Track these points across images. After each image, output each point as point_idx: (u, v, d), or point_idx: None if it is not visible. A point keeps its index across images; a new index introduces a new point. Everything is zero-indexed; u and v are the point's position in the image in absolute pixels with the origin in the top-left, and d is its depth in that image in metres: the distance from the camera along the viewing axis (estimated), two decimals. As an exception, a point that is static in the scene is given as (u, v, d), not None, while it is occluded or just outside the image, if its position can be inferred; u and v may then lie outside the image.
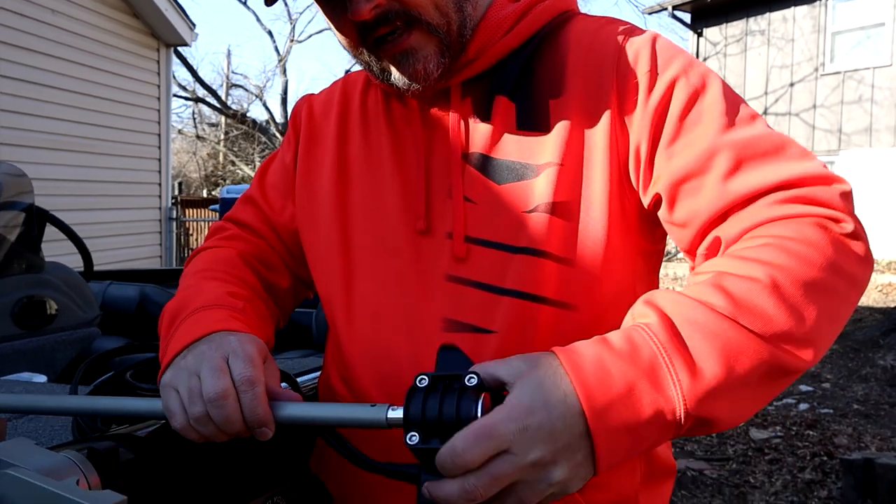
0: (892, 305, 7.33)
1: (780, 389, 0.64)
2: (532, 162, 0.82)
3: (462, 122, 0.86)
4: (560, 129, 0.81)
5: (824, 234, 0.67)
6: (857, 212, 0.70)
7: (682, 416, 0.60)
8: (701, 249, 0.77)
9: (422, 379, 0.65)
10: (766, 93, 12.60)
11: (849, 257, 0.67)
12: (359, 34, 0.81)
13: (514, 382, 0.62)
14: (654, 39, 0.83)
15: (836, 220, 0.69)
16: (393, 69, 0.83)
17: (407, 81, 0.83)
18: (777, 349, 0.62)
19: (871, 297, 8.96)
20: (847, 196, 0.71)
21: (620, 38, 0.83)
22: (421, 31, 0.80)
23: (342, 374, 0.91)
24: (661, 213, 0.80)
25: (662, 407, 0.60)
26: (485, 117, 0.85)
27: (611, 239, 0.81)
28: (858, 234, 0.69)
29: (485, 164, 0.84)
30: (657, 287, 0.88)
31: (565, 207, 0.80)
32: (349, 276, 0.90)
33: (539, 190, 0.81)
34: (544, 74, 0.84)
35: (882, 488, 3.13)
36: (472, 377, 0.63)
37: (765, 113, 12.55)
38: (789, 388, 5.21)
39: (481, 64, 0.86)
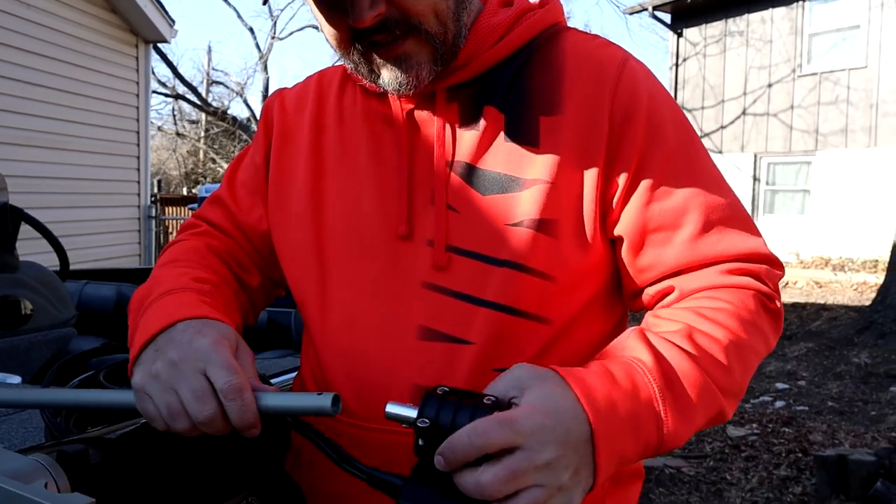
0: (867, 304, 7.44)
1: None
2: (519, 175, 0.82)
3: (448, 129, 0.85)
4: (553, 147, 0.82)
5: (761, 309, 0.82)
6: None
7: (660, 444, 0.70)
8: (651, 290, 0.86)
9: (442, 388, 0.67)
10: (744, 93, 12.73)
11: (772, 329, 0.83)
12: (352, 36, 0.80)
13: (525, 390, 0.66)
14: (650, 79, 0.86)
15: (771, 298, 0.83)
16: (384, 72, 0.82)
17: (396, 85, 0.82)
18: (725, 402, 0.75)
19: (847, 296, 9.09)
20: (780, 278, 0.85)
21: (619, 66, 0.84)
22: (417, 38, 0.80)
23: (316, 377, 0.91)
24: (624, 254, 0.85)
25: (649, 433, 0.69)
26: (472, 125, 0.85)
27: (590, 258, 0.83)
28: (780, 311, 0.84)
29: (469, 173, 0.83)
30: (620, 296, 0.91)
31: (551, 225, 0.81)
32: (324, 278, 0.89)
33: (524, 204, 0.81)
34: (537, 89, 0.84)
35: (854, 484, 3.19)
36: (490, 398, 0.66)
37: (743, 113, 12.68)
38: (766, 385, 5.29)
39: (470, 71, 0.85)
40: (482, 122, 0.84)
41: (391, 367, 0.82)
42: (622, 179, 0.82)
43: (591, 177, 0.81)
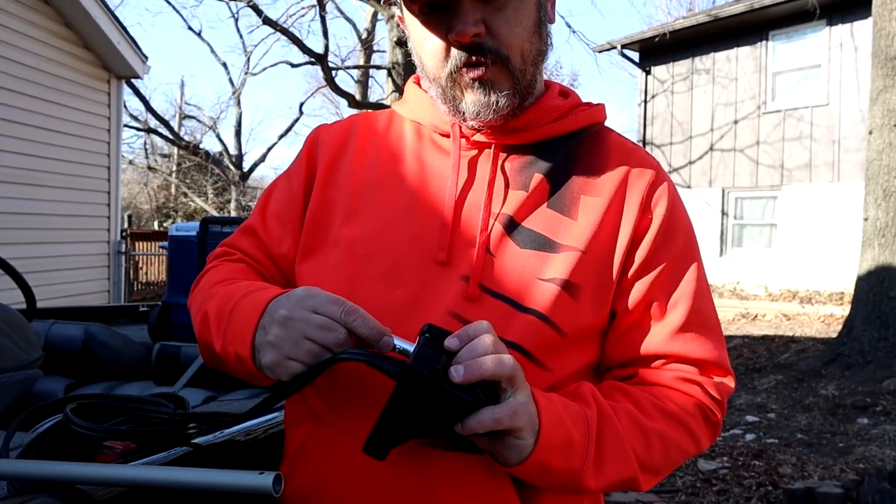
0: (834, 336, 7.56)
1: (619, 489, 0.91)
2: (556, 239, 0.92)
3: (499, 182, 0.95)
4: (590, 222, 0.93)
5: (699, 416, 0.94)
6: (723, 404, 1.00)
7: (578, 472, 0.83)
8: (616, 366, 0.97)
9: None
10: (711, 129, 13.01)
11: (706, 435, 0.96)
12: (448, 52, 0.91)
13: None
14: (674, 187, 1.00)
15: (712, 411, 0.95)
16: (468, 94, 0.93)
17: (477, 108, 0.92)
18: (640, 473, 0.88)
19: (814, 328, 9.23)
20: (730, 391, 0.97)
21: (656, 168, 0.99)
22: (503, 68, 0.91)
23: (328, 399, 0.91)
24: (612, 327, 0.96)
25: (574, 457, 0.83)
26: (521, 186, 0.95)
27: (597, 325, 0.94)
28: (718, 422, 0.97)
29: (511, 226, 0.93)
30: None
31: (576, 289, 0.90)
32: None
33: (557, 265, 0.90)
34: (583, 171, 0.97)
35: (823, 517, 3.21)
36: None
37: (711, 149, 12.95)
38: (736, 418, 5.33)
39: (527, 137, 0.97)
40: (531, 186, 0.95)
41: None
42: (636, 262, 0.94)
43: (618, 254, 0.93)
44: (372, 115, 1.09)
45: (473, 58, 0.90)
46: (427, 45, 0.93)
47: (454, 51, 0.90)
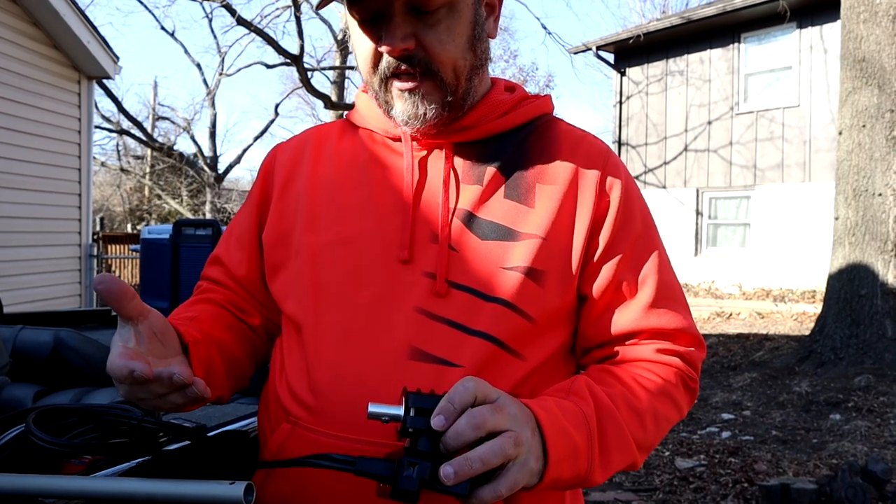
0: (807, 333, 7.67)
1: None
2: (516, 228, 0.94)
3: (453, 179, 0.97)
4: (548, 208, 0.95)
5: (680, 384, 0.98)
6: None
7: (586, 474, 0.84)
8: (594, 347, 1.00)
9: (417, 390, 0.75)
10: (685, 130, 13.14)
11: (686, 402, 0.99)
12: (379, 61, 0.93)
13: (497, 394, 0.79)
14: (625, 169, 1.03)
15: (691, 377, 1.00)
16: (397, 103, 0.94)
17: (405, 118, 0.94)
18: (638, 454, 0.90)
19: (788, 326, 9.36)
20: (702, 358, 1.02)
21: (606, 153, 1.02)
22: (433, 82, 0.93)
23: (305, 403, 0.92)
24: (586, 310, 0.99)
25: (581, 461, 0.84)
26: (476, 180, 0.97)
27: (565, 308, 0.96)
28: (696, 389, 1.01)
29: (470, 219, 0.94)
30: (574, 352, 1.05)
31: (540, 275, 0.93)
32: (318, 303, 0.94)
33: (519, 253, 0.92)
34: (535, 160, 0.99)
35: (798, 513, 3.25)
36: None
37: (685, 149, 13.08)
38: (712, 416, 5.38)
39: (477, 133, 0.99)
40: (485, 179, 0.97)
41: (380, 383, 0.87)
42: (601, 246, 0.96)
43: (578, 238, 0.95)
44: (325, 126, 1.12)
45: (403, 67, 0.91)
46: (360, 50, 0.95)
47: (385, 58, 0.92)
